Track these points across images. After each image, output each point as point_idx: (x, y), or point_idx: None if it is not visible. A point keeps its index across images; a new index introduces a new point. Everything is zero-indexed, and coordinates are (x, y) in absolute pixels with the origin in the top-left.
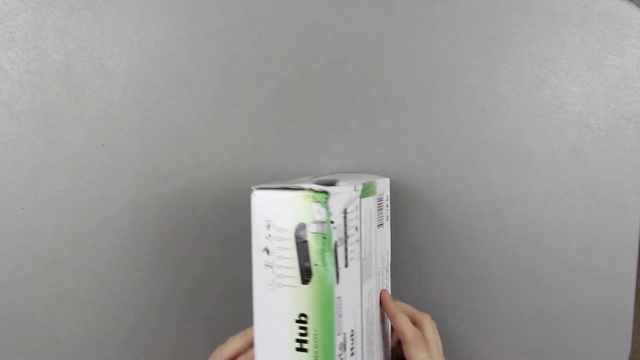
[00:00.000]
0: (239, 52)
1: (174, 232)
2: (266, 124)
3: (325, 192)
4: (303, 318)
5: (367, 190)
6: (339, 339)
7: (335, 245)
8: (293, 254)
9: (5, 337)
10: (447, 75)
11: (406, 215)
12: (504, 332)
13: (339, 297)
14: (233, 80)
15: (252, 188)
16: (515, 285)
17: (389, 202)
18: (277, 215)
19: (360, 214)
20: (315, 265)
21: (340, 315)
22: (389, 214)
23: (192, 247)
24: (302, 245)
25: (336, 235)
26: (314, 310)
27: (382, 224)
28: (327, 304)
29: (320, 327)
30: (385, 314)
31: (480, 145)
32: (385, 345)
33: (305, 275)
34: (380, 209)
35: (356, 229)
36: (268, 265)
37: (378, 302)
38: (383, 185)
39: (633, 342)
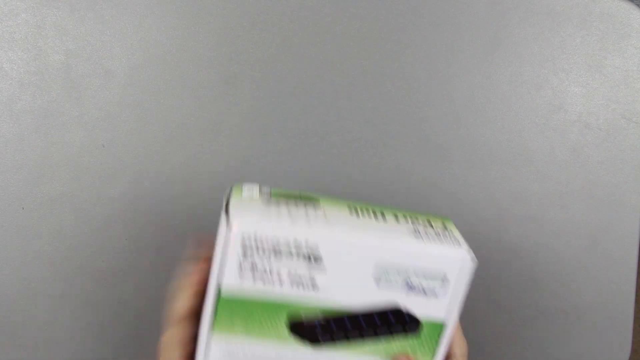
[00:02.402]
0: (239, 52)
1: (174, 233)
2: (267, 124)
3: None
4: None
5: None
6: None
7: None
8: None
9: (5, 337)
10: (447, 75)
11: None
12: (504, 332)
13: None
14: (233, 80)
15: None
16: (516, 285)
17: None
18: None
19: None
20: None
21: None
22: None
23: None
24: None
25: None
26: None
27: None
28: None
29: None
30: None
31: (480, 145)
32: None
33: None
34: None
35: None
36: None
37: None
38: None
39: (633, 342)
